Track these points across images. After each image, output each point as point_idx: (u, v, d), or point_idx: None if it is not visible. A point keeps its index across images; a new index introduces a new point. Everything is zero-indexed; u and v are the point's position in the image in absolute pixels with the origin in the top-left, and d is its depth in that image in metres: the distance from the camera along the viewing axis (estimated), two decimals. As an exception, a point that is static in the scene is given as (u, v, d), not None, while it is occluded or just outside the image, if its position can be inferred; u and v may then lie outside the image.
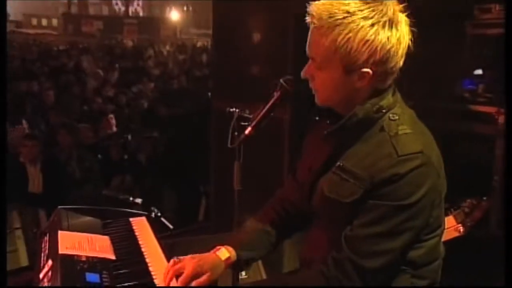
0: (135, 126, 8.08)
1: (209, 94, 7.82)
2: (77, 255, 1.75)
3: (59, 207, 2.18)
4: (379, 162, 1.50)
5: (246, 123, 1.89)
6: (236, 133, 1.95)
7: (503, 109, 3.40)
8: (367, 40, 1.47)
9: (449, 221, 2.88)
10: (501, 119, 3.42)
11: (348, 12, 1.47)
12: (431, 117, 3.55)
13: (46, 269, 1.75)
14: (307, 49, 1.58)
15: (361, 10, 1.47)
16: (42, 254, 1.89)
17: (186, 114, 8.08)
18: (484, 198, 3.27)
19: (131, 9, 47.18)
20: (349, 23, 1.46)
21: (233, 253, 1.79)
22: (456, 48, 3.98)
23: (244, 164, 2.06)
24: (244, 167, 2.06)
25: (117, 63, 15.36)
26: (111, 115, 8.25)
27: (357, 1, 1.48)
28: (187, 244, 2.73)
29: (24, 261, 5.33)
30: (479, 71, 3.92)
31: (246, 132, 1.81)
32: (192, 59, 18.34)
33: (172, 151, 6.96)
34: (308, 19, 1.53)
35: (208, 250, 1.81)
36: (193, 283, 1.65)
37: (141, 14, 46.44)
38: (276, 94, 1.79)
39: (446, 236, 2.98)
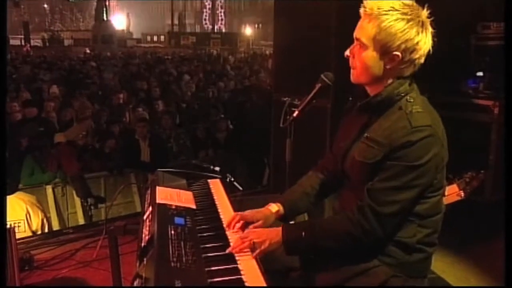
0: (216, 112, 8.12)
1: (269, 88, 7.79)
2: (169, 204, 1.78)
3: (158, 169, 2.23)
4: (397, 132, 1.49)
5: (294, 109, 1.88)
6: (288, 117, 1.94)
7: (498, 102, 3.51)
8: (403, 30, 1.47)
9: (453, 188, 2.85)
10: (496, 110, 3.50)
11: (392, 7, 1.48)
12: (443, 108, 3.45)
13: (147, 213, 1.80)
14: (355, 31, 1.56)
15: (403, 8, 1.49)
16: (146, 203, 1.93)
17: (254, 103, 8.07)
18: (482, 171, 3.25)
19: (216, 27, 47.61)
20: (392, 15, 1.48)
21: (281, 207, 1.81)
22: (463, 55, 4.00)
23: (295, 142, 2.05)
24: (295, 144, 2.05)
25: (203, 67, 15.55)
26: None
27: (401, 3, 1.50)
28: (250, 201, 2.73)
29: (138, 208, 5.55)
30: (480, 73, 3.95)
31: (294, 114, 1.82)
32: (260, 64, 18.28)
33: (243, 132, 6.98)
34: (361, 9, 1.54)
35: (265, 206, 1.83)
36: (251, 226, 1.68)
37: (223, 30, 46.77)
38: (317, 86, 1.76)
39: (450, 199, 2.90)
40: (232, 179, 4.66)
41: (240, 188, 4.61)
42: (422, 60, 1.54)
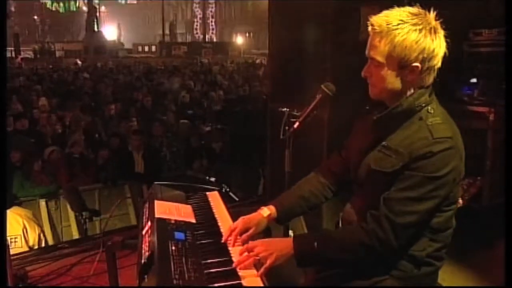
0: (211, 121, 8.10)
1: (264, 97, 7.75)
2: (168, 219, 1.75)
3: (155, 183, 2.20)
4: (417, 142, 1.47)
5: (294, 119, 1.86)
6: (287, 127, 1.92)
7: (493, 109, 3.48)
8: (417, 41, 1.45)
9: None
10: (492, 117, 3.46)
11: (401, 20, 1.46)
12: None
13: (146, 228, 1.76)
14: (368, 51, 1.54)
15: (412, 19, 1.46)
16: (144, 217, 1.90)
17: (249, 113, 8.06)
18: (478, 178, 3.27)
19: (207, 37, 47.71)
20: (403, 28, 1.45)
21: (273, 210, 1.78)
22: (456, 62, 3.94)
23: (293, 152, 2.03)
24: (293, 155, 2.03)
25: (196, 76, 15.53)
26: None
27: (408, 13, 1.48)
28: (248, 212, 2.71)
29: (133, 221, 5.49)
30: (474, 80, 3.91)
31: (295, 126, 1.80)
32: (253, 73, 18.30)
33: (237, 141, 6.95)
34: (369, 28, 1.51)
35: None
36: (244, 236, 1.65)
37: (215, 40, 46.88)
38: (318, 97, 1.75)
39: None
40: (228, 190, 4.64)
41: (236, 199, 4.59)
42: (439, 64, 1.53)
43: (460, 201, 2.87)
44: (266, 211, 1.77)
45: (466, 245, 3.10)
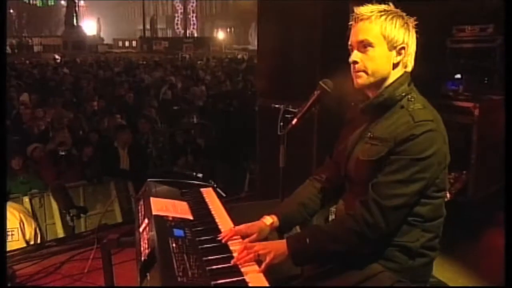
0: (195, 118, 8.04)
1: (249, 93, 7.69)
2: (166, 216, 1.73)
3: (149, 179, 2.17)
4: (400, 127, 1.53)
5: (289, 116, 1.86)
6: (281, 123, 1.92)
7: (478, 104, 3.57)
8: (402, 25, 1.58)
9: None
10: (477, 112, 3.54)
11: (384, 9, 1.60)
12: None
13: (144, 225, 1.74)
14: (355, 37, 1.61)
15: (390, 10, 1.61)
16: (139, 214, 1.87)
17: (232, 109, 8.03)
18: (464, 172, 3.34)
19: (188, 32, 47.33)
20: (388, 14, 1.58)
21: (276, 219, 1.78)
22: (439, 58, 4.06)
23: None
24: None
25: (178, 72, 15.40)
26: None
27: (386, 7, 1.61)
28: (242, 207, 2.71)
29: (119, 218, 5.43)
30: (458, 76, 4.01)
31: (293, 122, 1.80)
32: (234, 68, 18.22)
33: (222, 137, 6.93)
34: (354, 17, 1.61)
35: (259, 213, 1.81)
36: (246, 240, 1.65)
37: (195, 35, 46.54)
38: (316, 93, 1.76)
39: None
40: (215, 186, 4.63)
41: (224, 195, 4.58)
42: (414, 54, 1.64)
43: (448, 195, 2.91)
44: (269, 219, 1.77)
45: (453, 238, 3.17)
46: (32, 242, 3.48)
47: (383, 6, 1.60)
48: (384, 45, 1.58)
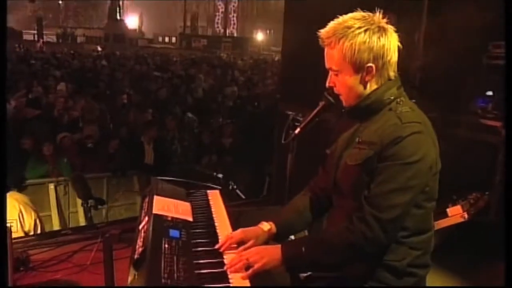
0: (223, 117, 8.08)
1: (278, 96, 7.64)
2: (165, 215, 1.75)
3: (157, 177, 2.21)
4: (387, 129, 1.52)
5: (297, 124, 1.84)
6: (290, 131, 1.91)
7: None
8: (364, 42, 1.51)
9: (457, 209, 2.83)
10: (504, 132, 3.30)
11: (347, 27, 1.52)
12: (451, 127, 3.41)
13: (143, 223, 1.77)
14: (326, 62, 1.61)
15: (355, 24, 1.52)
16: (142, 212, 1.91)
17: (261, 111, 8.03)
18: (487, 193, 3.21)
19: (228, 31, 47.77)
20: (349, 34, 1.52)
21: (273, 226, 1.78)
22: (474, 74, 3.89)
23: (299, 154, 2.01)
24: (298, 157, 2.01)
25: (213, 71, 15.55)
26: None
27: (352, 19, 1.54)
28: (250, 213, 2.70)
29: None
30: (490, 93, 3.82)
31: (296, 131, 1.79)
32: (270, 70, 18.20)
33: (247, 139, 6.94)
34: (320, 41, 1.59)
35: (264, 219, 1.80)
36: (241, 248, 1.64)
37: (235, 34, 46.91)
38: (321, 104, 1.74)
39: (453, 221, 2.86)
40: (235, 187, 4.62)
41: (243, 197, 4.56)
42: (396, 58, 1.58)
43: (466, 216, 2.81)
44: (267, 225, 1.77)
45: (474, 259, 3.06)
46: (31, 233, 3.57)
47: (347, 21, 1.54)
48: (349, 69, 1.55)
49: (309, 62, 3.59)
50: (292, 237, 2.38)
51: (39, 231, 3.66)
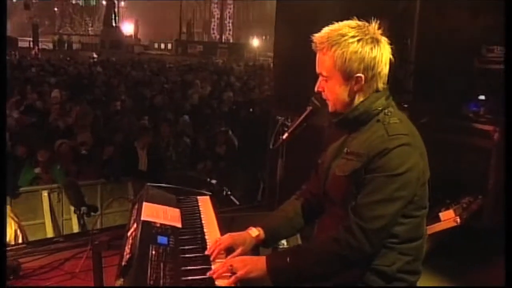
0: (218, 124, 8.07)
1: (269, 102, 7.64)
2: (154, 222, 1.75)
3: (147, 184, 2.20)
4: (374, 141, 1.52)
5: (286, 129, 1.84)
6: (280, 137, 1.91)
7: (498, 128, 3.40)
8: (356, 51, 1.51)
9: (449, 214, 2.85)
10: (496, 136, 3.39)
11: (340, 34, 1.53)
12: (443, 131, 3.41)
13: (132, 229, 1.77)
14: (317, 67, 1.61)
15: (349, 32, 1.52)
16: (132, 218, 1.90)
17: (255, 117, 8.03)
18: (479, 197, 3.21)
19: (224, 37, 47.91)
20: (342, 42, 1.52)
21: (262, 232, 1.77)
22: (465, 78, 3.89)
23: (291, 160, 2.01)
24: (290, 162, 2.01)
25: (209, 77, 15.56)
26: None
27: (347, 27, 1.54)
28: (242, 218, 2.70)
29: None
30: (482, 97, 3.83)
31: (283, 137, 1.79)
32: (266, 76, 18.18)
33: (241, 145, 6.93)
34: (313, 45, 1.59)
35: (256, 224, 1.80)
36: (229, 257, 1.62)
37: (231, 40, 47.05)
38: (308, 109, 1.75)
39: (445, 225, 2.87)
40: (229, 193, 4.60)
41: (237, 203, 4.55)
42: (386, 71, 1.58)
43: (458, 220, 2.82)
44: (255, 231, 1.77)
45: (466, 264, 3.06)
46: (12, 243, 3.55)
47: (342, 29, 1.54)
48: (339, 77, 1.55)
49: (300, 67, 3.62)
50: (284, 242, 2.39)
51: (20, 241, 3.63)
